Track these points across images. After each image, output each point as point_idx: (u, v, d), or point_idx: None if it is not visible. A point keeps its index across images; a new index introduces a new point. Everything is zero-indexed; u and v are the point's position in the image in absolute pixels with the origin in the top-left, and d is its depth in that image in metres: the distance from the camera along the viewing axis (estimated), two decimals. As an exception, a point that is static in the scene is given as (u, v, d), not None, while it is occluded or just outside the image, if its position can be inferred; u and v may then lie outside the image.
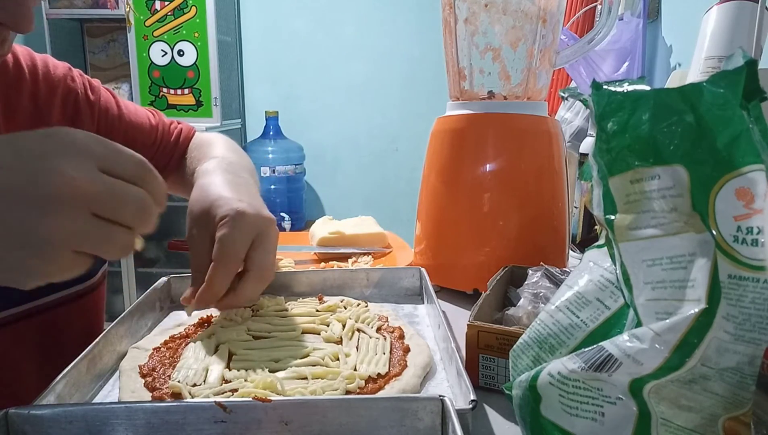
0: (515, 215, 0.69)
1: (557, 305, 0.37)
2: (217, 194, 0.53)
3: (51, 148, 0.34)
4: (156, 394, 0.43)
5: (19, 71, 0.61)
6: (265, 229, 0.51)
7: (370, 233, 0.90)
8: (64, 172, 0.33)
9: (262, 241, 0.51)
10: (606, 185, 0.32)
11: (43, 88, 0.62)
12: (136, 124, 0.72)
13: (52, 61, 0.66)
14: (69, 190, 0.33)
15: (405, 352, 0.49)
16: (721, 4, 0.69)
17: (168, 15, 2.42)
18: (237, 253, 0.50)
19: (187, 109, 2.52)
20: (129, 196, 0.36)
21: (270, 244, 0.52)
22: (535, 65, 0.71)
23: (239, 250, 0.50)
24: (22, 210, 0.32)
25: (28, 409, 0.36)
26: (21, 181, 0.32)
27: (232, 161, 0.63)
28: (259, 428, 0.36)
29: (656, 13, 1.47)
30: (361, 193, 2.89)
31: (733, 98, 0.29)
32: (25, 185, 0.32)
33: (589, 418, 0.32)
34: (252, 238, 0.50)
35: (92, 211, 0.34)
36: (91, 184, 0.34)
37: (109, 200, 0.35)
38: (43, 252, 0.33)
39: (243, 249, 0.50)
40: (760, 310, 0.27)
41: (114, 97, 0.71)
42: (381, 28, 2.75)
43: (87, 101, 0.67)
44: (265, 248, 0.51)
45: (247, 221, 0.50)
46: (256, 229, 0.50)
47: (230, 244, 0.49)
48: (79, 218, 0.33)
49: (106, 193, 0.34)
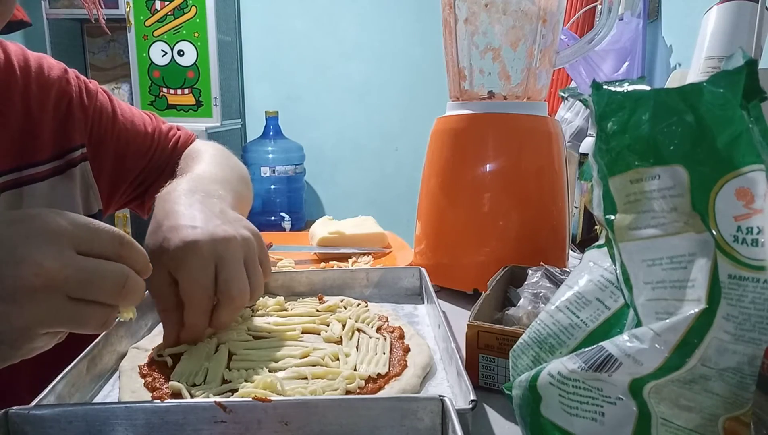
0: (515, 215, 0.69)
1: (557, 305, 0.37)
2: (168, 225, 0.48)
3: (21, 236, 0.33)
4: (156, 394, 0.43)
5: (9, 70, 0.59)
6: (223, 252, 0.46)
7: (370, 233, 0.90)
8: (33, 260, 0.32)
9: (225, 265, 0.46)
10: (606, 185, 0.32)
11: (35, 89, 0.61)
12: (131, 130, 0.70)
13: (47, 61, 0.64)
14: (40, 279, 0.32)
15: (405, 352, 0.49)
16: (721, 4, 0.69)
17: (168, 15, 2.42)
18: (202, 289, 0.46)
19: (187, 109, 2.52)
20: (105, 274, 0.35)
21: (233, 266, 0.46)
22: (535, 65, 0.71)
23: (203, 284, 0.46)
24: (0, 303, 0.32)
25: (28, 409, 0.36)
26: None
27: (205, 176, 0.59)
28: (259, 428, 0.36)
29: (656, 13, 1.47)
30: (361, 193, 2.89)
31: (733, 98, 0.29)
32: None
33: (589, 418, 0.32)
34: (213, 266, 0.46)
35: (67, 294, 0.34)
36: (61, 269, 0.33)
37: (82, 282, 0.34)
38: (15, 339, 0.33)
39: (207, 281, 0.46)
40: (760, 310, 0.27)
41: (111, 101, 0.70)
42: (381, 29, 2.75)
43: (80, 105, 0.65)
44: (229, 272, 0.46)
45: (202, 251, 0.45)
46: (214, 255, 0.46)
47: (190, 282, 0.45)
48: (52, 303, 0.33)
49: (77, 275, 0.34)
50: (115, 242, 0.37)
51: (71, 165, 0.63)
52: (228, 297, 0.46)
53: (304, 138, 2.73)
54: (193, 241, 0.46)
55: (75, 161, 0.64)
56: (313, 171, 2.83)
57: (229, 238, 0.47)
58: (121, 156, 0.69)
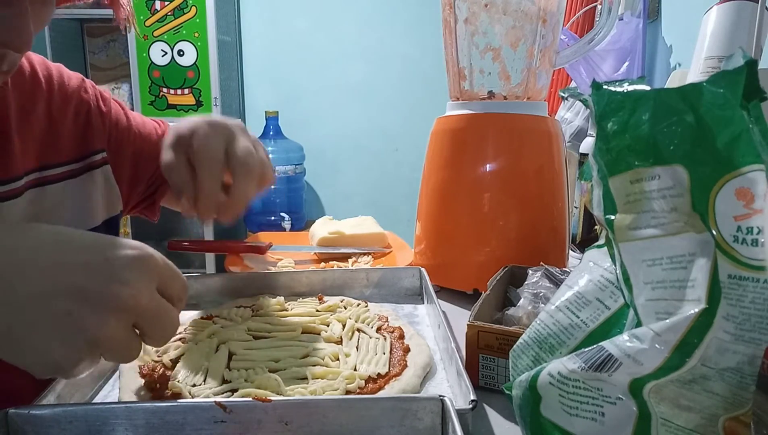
0: (515, 215, 0.69)
1: (557, 305, 0.37)
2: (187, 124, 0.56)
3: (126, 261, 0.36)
4: (156, 394, 0.43)
5: (35, 80, 0.62)
6: (234, 129, 0.55)
7: (370, 233, 0.90)
8: (134, 286, 0.36)
9: (236, 137, 0.54)
10: (606, 185, 0.32)
11: (57, 98, 0.64)
12: (145, 136, 0.73)
13: (66, 71, 0.67)
14: (131, 302, 0.35)
15: (405, 352, 0.49)
16: (721, 4, 0.69)
17: (168, 15, 2.42)
18: (215, 151, 0.52)
19: (187, 109, 2.52)
20: (168, 318, 0.38)
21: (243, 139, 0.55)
22: (535, 65, 0.71)
23: (215, 148, 0.53)
24: (87, 308, 0.34)
25: (28, 409, 0.36)
26: (97, 283, 0.35)
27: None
28: (259, 428, 0.36)
29: (656, 13, 1.47)
30: (361, 193, 2.89)
31: (733, 98, 0.29)
32: (99, 288, 0.35)
33: (589, 418, 0.32)
34: (225, 138, 0.53)
35: (134, 323, 0.37)
36: (148, 301, 0.37)
37: (152, 319, 0.37)
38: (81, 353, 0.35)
39: (219, 147, 0.53)
40: (760, 310, 0.27)
41: (123, 109, 0.72)
42: (381, 28, 2.75)
43: (99, 113, 0.68)
44: (240, 143, 0.54)
45: (217, 125, 0.54)
46: (226, 130, 0.54)
47: (205, 145, 0.52)
48: (122, 326, 0.36)
49: (153, 311, 0.37)
50: (183, 290, 0.40)
51: (92, 167, 0.66)
52: (242, 162, 0.53)
53: (304, 138, 2.73)
54: (209, 120, 0.55)
55: (96, 164, 0.67)
56: (313, 171, 2.83)
57: (239, 124, 0.56)
58: (136, 160, 0.72)
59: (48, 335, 0.34)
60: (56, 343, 0.34)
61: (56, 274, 0.35)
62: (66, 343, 0.34)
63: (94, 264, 0.36)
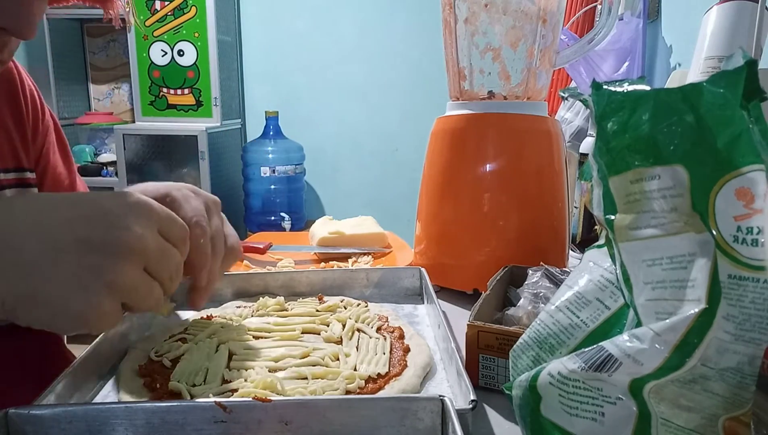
0: (515, 215, 0.69)
1: (557, 305, 0.37)
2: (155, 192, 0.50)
3: (124, 207, 0.38)
4: (156, 394, 0.43)
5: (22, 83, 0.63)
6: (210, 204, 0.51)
7: (370, 233, 0.90)
8: (136, 229, 0.38)
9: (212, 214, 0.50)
10: (606, 185, 0.32)
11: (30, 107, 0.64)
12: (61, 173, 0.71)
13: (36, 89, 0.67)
14: (137, 245, 0.37)
15: (405, 352, 0.49)
16: (721, 4, 0.68)
17: (168, 15, 2.42)
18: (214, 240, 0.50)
19: (187, 109, 2.52)
20: (172, 256, 0.41)
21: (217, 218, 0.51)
22: (535, 65, 0.71)
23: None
24: (96, 257, 0.36)
25: (28, 409, 0.36)
26: (100, 232, 0.37)
27: None
28: (259, 428, 0.36)
29: (656, 13, 1.47)
30: (361, 193, 2.89)
31: (733, 98, 0.29)
32: (103, 236, 0.37)
33: (589, 418, 0.32)
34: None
35: (144, 266, 0.38)
36: (152, 242, 0.39)
37: (159, 258, 0.39)
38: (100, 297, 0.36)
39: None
40: (760, 310, 0.27)
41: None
42: (381, 28, 2.75)
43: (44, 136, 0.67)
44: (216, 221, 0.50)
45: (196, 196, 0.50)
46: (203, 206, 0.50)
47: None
48: (135, 268, 0.38)
49: (158, 251, 0.39)
50: (183, 233, 0.42)
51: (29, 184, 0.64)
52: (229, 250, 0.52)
53: (304, 138, 2.73)
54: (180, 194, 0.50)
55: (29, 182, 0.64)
56: (313, 171, 2.83)
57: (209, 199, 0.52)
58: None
59: (65, 287, 0.35)
60: (74, 292, 0.35)
61: (58, 231, 0.36)
62: (84, 291, 0.36)
63: (94, 216, 0.37)
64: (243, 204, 2.71)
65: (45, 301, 0.35)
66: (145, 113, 2.55)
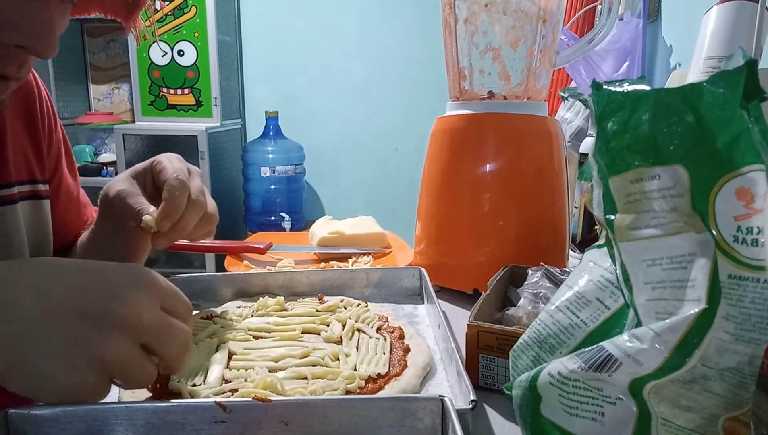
0: (515, 215, 0.69)
1: (557, 305, 0.37)
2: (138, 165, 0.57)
3: (126, 280, 0.37)
4: (156, 394, 0.43)
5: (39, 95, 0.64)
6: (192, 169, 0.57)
7: (370, 233, 0.90)
8: (134, 303, 0.36)
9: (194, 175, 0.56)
10: (606, 185, 0.32)
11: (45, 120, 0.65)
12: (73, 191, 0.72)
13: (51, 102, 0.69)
14: (132, 318, 0.36)
15: (405, 352, 0.49)
16: (721, 4, 0.68)
17: (168, 15, 2.42)
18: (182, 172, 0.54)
19: (187, 109, 2.52)
20: (177, 333, 0.38)
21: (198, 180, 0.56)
22: (535, 65, 0.71)
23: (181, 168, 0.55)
24: (88, 328, 0.35)
25: (28, 409, 0.36)
26: (96, 303, 0.36)
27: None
28: (259, 428, 0.36)
29: (656, 13, 1.47)
30: (361, 193, 2.89)
31: (733, 98, 0.29)
32: (98, 307, 0.36)
33: (589, 418, 0.32)
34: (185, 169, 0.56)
35: (141, 341, 0.37)
36: (151, 317, 0.37)
37: (159, 333, 0.37)
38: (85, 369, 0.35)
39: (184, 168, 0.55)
40: (760, 310, 0.27)
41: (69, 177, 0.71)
42: (381, 28, 2.75)
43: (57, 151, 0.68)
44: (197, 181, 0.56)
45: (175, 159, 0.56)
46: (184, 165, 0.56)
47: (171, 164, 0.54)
48: (128, 345, 0.36)
49: (159, 326, 0.37)
50: (188, 310, 0.41)
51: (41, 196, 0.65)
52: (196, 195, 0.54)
53: (304, 138, 2.73)
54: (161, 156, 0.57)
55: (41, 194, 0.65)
56: (313, 171, 2.83)
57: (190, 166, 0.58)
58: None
59: (52, 355, 0.34)
60: (60, 364, 0.34)
61: (57, 297, 0.35)
62: (70, 364, 0.34)
63: (95, 286, 0.36)
64: (243, 204, 2.72)
65: (32, 367, 0.34)
66: (145, 113, 2.55)
